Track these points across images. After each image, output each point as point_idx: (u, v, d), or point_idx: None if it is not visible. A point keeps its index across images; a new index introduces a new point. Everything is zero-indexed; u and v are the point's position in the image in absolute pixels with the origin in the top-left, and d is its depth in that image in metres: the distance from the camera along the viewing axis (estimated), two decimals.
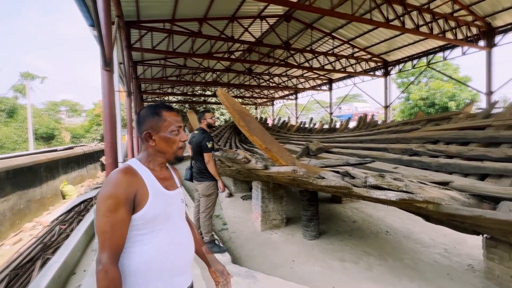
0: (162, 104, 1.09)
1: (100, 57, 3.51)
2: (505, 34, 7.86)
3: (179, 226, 1.08)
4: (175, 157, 1.08)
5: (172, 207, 1.06)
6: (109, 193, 0.89)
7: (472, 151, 3.51)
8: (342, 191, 2.27)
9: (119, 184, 0.91)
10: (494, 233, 2.36)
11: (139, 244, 0.95)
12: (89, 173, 10.53)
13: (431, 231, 4.04)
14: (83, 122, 37.68)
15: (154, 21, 7.73)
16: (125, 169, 0.97)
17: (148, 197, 0.96)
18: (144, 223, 0.95)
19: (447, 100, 18.01)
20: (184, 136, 1.09)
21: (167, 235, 1.01)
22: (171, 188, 1.09)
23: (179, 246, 1.05)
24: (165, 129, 1.04)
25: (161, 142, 1.04)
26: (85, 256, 3.57)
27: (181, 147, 1.08)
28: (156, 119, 1.05)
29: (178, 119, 1.08)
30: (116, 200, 0.88)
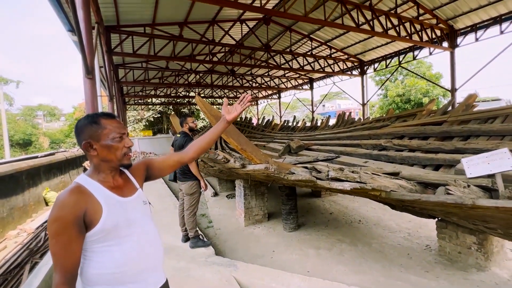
0: (100, 113, 1.08)
1: (81, 65, 3.63)
2: (466, 36, 8.56)
3: (145, 229, 1.09)
4: (121, 164, 1.06)
5: (133, 212, 1.06)
6: (55, 216, 0.89)
7: (429, 144, 3.94)
8: (309, 184, 2.57)
9: (65, 205, 0.91)
10: (440, 215, 2.75)
11: (107, 253, 0.97)
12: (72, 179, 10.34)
13: (398, 218, 4.45)
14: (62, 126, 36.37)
15: (134, 25, 7.78)
16: (72, 189, 0.96)
17: (101, 210, 0.96)
18: (106, 235, 0.96)
19: (422, 96, 19.04)
20: (129, 142, 1.06)
21: (133, 239, 1.03)
22: (129, 194, 1.09)
23: (148, 248, 1.07)
24: (105, 137, 1.01)
25: (103, 150, 1.02)
26: None
27: (125, 153, 1.05)
28: (95, 127, 1.02)
29: (119, 126, 1.05)
30: (63, 222, 0.88)
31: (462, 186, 1.90)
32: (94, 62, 3.76)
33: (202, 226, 4.64)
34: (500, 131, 3.20)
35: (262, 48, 10.18)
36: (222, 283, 2.41)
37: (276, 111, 22.02)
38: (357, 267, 3.06)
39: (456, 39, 8.69)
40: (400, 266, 3.04)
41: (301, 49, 12.25)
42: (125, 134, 1.07)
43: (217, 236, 4.26)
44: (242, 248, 3.76)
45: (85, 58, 3.53)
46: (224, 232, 4.40)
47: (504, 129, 3.16)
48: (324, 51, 11.99)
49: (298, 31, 10.73)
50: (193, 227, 3.30)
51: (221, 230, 4.50)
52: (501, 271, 2.77)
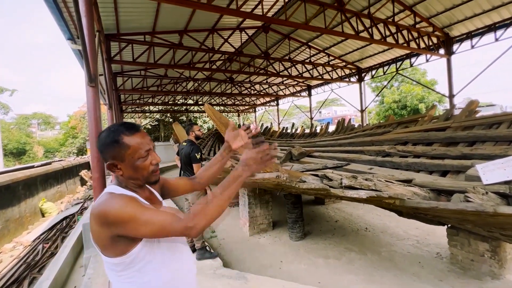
0: (121, 127, 0.94)
1: (84, 73, 3.58)
2: (461, 43, 8.73)
3: (182, 244, 1.04)
4: (147, 182, 0.99)
5: None
6: (120, 204, 0.83)
7: (435, 150, 3.93)
8: (321, 193, 2.52)
9: (123, 196, 0.87)
10: (453, 222, 2.71)
11: (151, 272, 0.90)
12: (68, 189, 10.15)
13: (405, 225, 4.41)
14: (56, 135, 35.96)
15: (134, 33, 7.78)
16: (115, 194, 0.89)
17: None
18: (150, 250, 0.90)
19: (417, 103, 19.29)
20: (156, 158, 0.97)
21: (176, 256, 0.98)
22: (158, 206, 1.03)
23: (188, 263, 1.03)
24: (130, 157, 0.91)
25: (129, 170, 0.93)
26: (74, 273, 3.54)
27: (153, 171, 0.96)
28: (117, 147, 0.91)
29: (144, 142, 0.94)
30: (132, 200, 0.85)
31: (481, 193, 1.86)
32: (97, 70, 3.72)
33: (206, 237, 4.53)
34: (507, 137, 3.20)
35: (261, 56, 10.25)
36: None
37: (274, 117, 22.06)
38: (368, 277, 2.99)
39: (452, 46, 8.85)
40: (412, 275, 2.97)
41: (300, 57, 12.37)
42: (151, 149, 0.97)
43: (221, 247, 4.16)
44: (249, 258, 3.67)
45: (88, 66, 3.48)
46: (229, 242, 4.31)
47: (511, 134, 3.17)
48: (322, 58, 12.12)
49: (296, 39, 10.85)
50: (199, 238, 3.20)
51: (225, 240, 4.40)
52: None
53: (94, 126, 3.55)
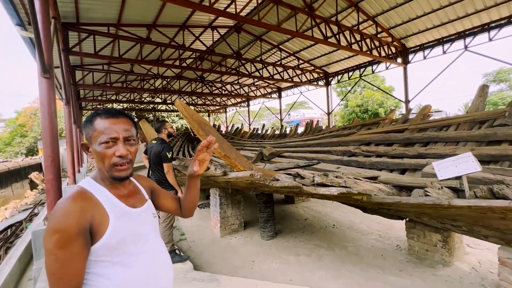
0: (103, 110, 0.91)
1: (37, 63, 3.21)
2: (416, 54, 9.63)
3: (155, 245, 0.94)
4: (110, 176, 0.87)
5: (143, 225, 0.92)
6: (55, 227, 0.73)
7: (395, 150, 4.25)
8: (294, 191, 2.56)
9: (67, 214, 0.75)
10: (411, 216, 2.94)
11: (111, 276, 0.81)
12: (15, 193, 8.96)
13: (369, 221, 4.68)
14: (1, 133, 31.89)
15: (97, 24, 7.20)
16: (75, 194, 0.82)
17: (108, 221, 0.81)
18: (110, 252, 0.81)
19: (377, 107, 20.81)
20: (120, 150, 0.85)
21: (143, 259, 0.88)
22: (138, 205, 0.94)
23: (158, 270, 0.91)
24: (94, 140, 0.86)
25: (95, 156, 0.87)
26: (21, 286, 3.14)
27: (115, 163, 0.85)
28: (88, 127, 0.87)
29: (113, 128, 0.86)
30: (65, 234, 0.73)
31: (437, 188, 2.04)
32: (52, 60, 3.36)
33: (174, 239, 4.33)
34: (455, 138, 3.58)
35: (233, 56, 10.20)
36: None
37: (245, 118, 22.11)
38: (337, 272, 3.11)
39: (408, 56, 9.72)
40: (377, 267, 3.16)
41: (271, 59, 12.58)
42: (119, 139, 0.86)
43: (191, 249, 4.02)
44: (220, 260, 3.59)
45: (42, 55, 3.13)
46: (199, 245, 4.18)
47: (458, 136, 3.55)
48: (292, 61, 12.46)
49: (268, 41, 11.01)
50: (169, 241, 3.05)
51: (195, 243, 4.27)
52: (462, 265, 3.04)
53: (48, 121, 3.20)
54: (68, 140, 6.58)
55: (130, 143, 0.90)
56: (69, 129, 6.69)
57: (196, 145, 11.13)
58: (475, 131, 3.33)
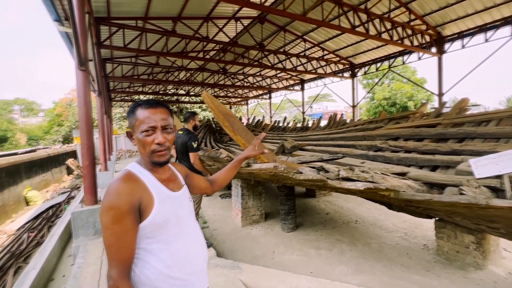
0: (145, 100, 0.99)
1: (74, 56, 3.42)
2: (453, 42, 8.90)
3: (191, 227, 1.03)
4: (151, 161, 0.95)
5: (181, 208, 1.00)
6: (110, 204, 0.83)
7: (426, 146, 4.02)
8: (318, 184, 2.53)
9: (120, 193, 0.85)
10: (442, 215, 2.79)
11: (155, 252, 0.90)
12: (54, 177, 9.80)
13: (394, 218, 4.53)
14: (41, 122, 34.66)
15: (125, 18, 7.48)
16: (125, 176, 0.91)
17: (153, 202, 0.90)
18: (155, 230, 0.90)
19: (407, 100, 19.70)
20: (159, 138, 0.93)
21: (182, 238, 0.96)
22: (177, 189, 1.03)
23: (195, 249, 1.00)
24: (136, 128, 0.94)
25: (137, 143, 0.96)
26: (62, 262, 3.45)
27: (154, 150, 0.94)
28: (131, 117, 0.96)
29: (153, 118, 0.94)
30: (119, 211, 0.82)
31: (474, 186, 1.92)
32: (87, 53, 3.56)
33: None
34: (496, 134, 3.30)
35: (256, 47, 10.11)
36: (228, 286, 2.32)
37: (266, 111, 22.01)
38: (359, 267, 3.06)
39: (444, 45, 9.02)
40: (401, 265, 3.07)
41: (294, 50, 12.31)
42: (157, 127, 0.94)
43: (214, 237, 4.16)
44: (241, 249, 3.68)
45: (79, 49, 3.33)
46: (221, 233, 4.31)
47: (499, 131, 3.27)
48: (316, 52, 12.10)
49: (292, 32, 10.76)
50: None
51: (217, 231, 4.40)
52: (497, 269, 2.85)
53: (84, 111, 3.42)
54: (100, 129, 7.00)
55: (167, 131, 0.98)
56: (100, 119, 7.10)
57: (218, 137, 11.32)
58: None
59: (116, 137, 18.64)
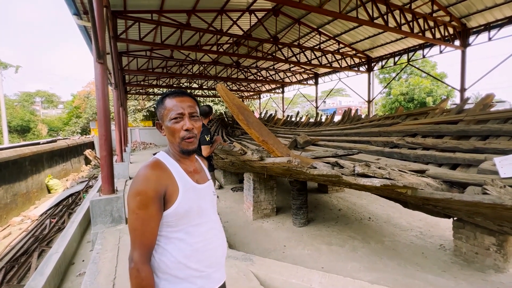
0: (173, 90, 1.02)
1: (93, 49, 3.50)
2: (478, 35, 8.43)
3: (213, 219, 1.04)
4: (180, 149, 0.98)
5: (204, 200, 1.02)
6: (138, 189, 0.86)
7: (445, 143, 3.86)
8: (332, 180, 2.50)
9: (147, 179, 0.88)
10: (461, 215, 2.70)
11: (175, 241, 0.92)
12: (73, 167, 10.25)
13: (409, 216, 4.42)
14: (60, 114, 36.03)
15: (141, 11, 7.57)
16: (153, 164, 0.93)
17: (178, 191, 0.92)
18: (178, 219, 0.92)
19: (425, 96, 18.97)
20: (187, 124, 0.95)
21: (203, 230, 0.98)
22: (202, 181, 1.04)
23: (215, 241, 1.02)
24: (165, 117, 0.97)
25: (167, 132, 0.98)
26: (81, 247, 3.62)
27: (183, 137, 0.95)
28: (160, 107, 0.99)
29: (180, 105, 0.96)
30: (146, 196, 0.85)
31: (499, 186, 1.83)
32: (105, 46, 3.63)
33: None
34: None
35: (270, 40, 9.99)
36: (240, 277, 2.36)
37: (278, 105, 21.85)
38: (372, 265, 3.02)
39: (468, 38, 8.56)
40: (416, 265, 3.00)
41: (309, 43, 12.07)
42: (185, 114, 0.97)
43: (225, 229, 4.20)
44: (253, 241, 3.71)
45: (97, 42, 3.40)
46: (232, 225, 4.35)
47: None
48: (332, 45, 11.81)
49: (306, 24, 10.54)
50: None
51: (229, 223, 4.45)
52: None
53: (102, 103, 3.51)
54: (116, 121, 7.18)
55: (194, 119, 1.00)
56: (117, 112, 7.28)
57: (230, 130, 11.38)
58: None
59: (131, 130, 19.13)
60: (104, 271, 2.45)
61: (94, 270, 2.49)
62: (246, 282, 2.27)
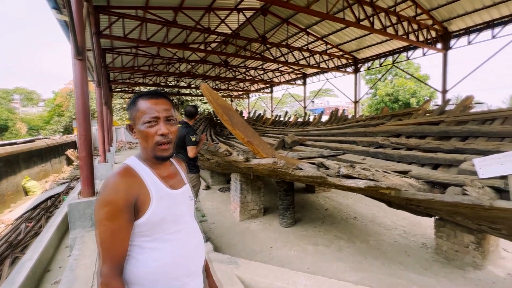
0: (147, 91, 0.95)
1: (71, 45, 3.34)
2: (459, 38, 8.73)
3: (190, 226, 0.99)
4: (154, 155, 0.91)
5: (180, 207, 0.96)
6: (106, 199, 0.81)
7: (428, 144, 3.95)
8: (317, 181, 2.49)
9: (116, 188, 0.82)
10: (443, 214, 2.76)
11: (150, 251, 0.87)
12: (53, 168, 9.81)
13: (393, 215, 4.50)
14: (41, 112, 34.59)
15: (126, 7, 7.33)
16: (123, 171, 0.88)
17: (150, 200, 0.87)
18: (151, 228, 0.87)
19: (409, 97, 19.52)
20: (162, 129, 0.89)
21: (179, 238, 0.93)
22: (177, 186, 0.99)
23: (193, 249, 0.97)
24: (138, 121, 0.90)
25: (139, 136, 0.92)
26: (59, 253, 3.45)
27: (158, 142, 0.90)
28: (132, 108, 0.92)
29: (155, 108, 0.90)
30: (114, 207, 0.80)
31: (477, 186, 1.87)
32: (84, 42, 3.48)
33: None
34: (500, 133, 3.23)
35: (258, 40, 9.95)
36: (224, 281, 2.30)
37: (267, 105, 21.87)
38: (357, 265, 3.05)
39: (450, 41, 8.85)
40: (399, 264, 3.05)
41: (297, 43, 12.12)
42: (160, 118, 0.90)
43: (212, 231, 4.14)
44: (239, 243, 3.67)
45: (75, 37, 3.24)
46: (219, 227, 4.29)
47: (504, 130, 3.20)
48: (319, 46, 11.91)
49: (295, 24, 10.58)
50: None
51: (215, 225, 4.39)
52: (496, 270, 2.83)
53: (81, 101, 3.36)
54: (99, 120, 6.94)
55: (170, 123, 0.93)
56: (100, 110, 7.03)
57: (219, 130, 11.27)
58: None
59: (117, 129, 18.60)
60: (81, 279, 2.34)
61: (71, 278, 2.37)
62: (230, 287, 2.23)
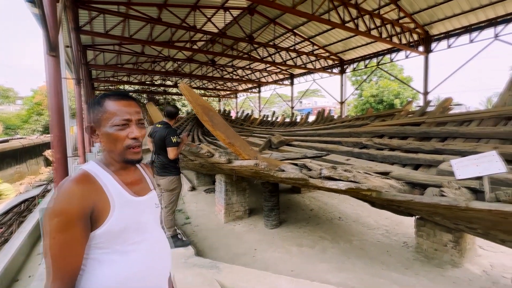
0: (111, 92, 0.90)
1: (44, 40, 3.15)
2: (439, 42, 9.03)
3: (154, 235, 0.93)
4: (124, 159, 0.86)
5: (145, 215, 0.90)
6: (57, 209, 0.72)
7: (409, 144, 4.03)
8: (300, 182, 2.46)
9: (70, 196, 0.74)
10: (422, 214, 2.80)
11: (108, 264, 0.79)
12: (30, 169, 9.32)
13: (376, 215, 4.56)
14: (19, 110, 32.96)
15: (107, 2, 7.07)
16: (79, 177, 0.79)
17: (110, 208, 0.80)
18: (111, 239, 0.79)
19: (393, 98, 20.04)
20: (135, 132, 0.85)
21: (141, 248, 0.86)
22: (143, 193, 0.92)
23: (157, 261, 0.90)
24: (105, 122, 0.83)
25: (104, 139, 0.85)
26: (30, 260, 3.25)
27: (129, 146, 0.85)
28: (97, 109, 0.85)
29: (126, 110, 0.85)
30: (67, 217, 0.72)
31: (454, 188, 1.89)
32: (58, 37, 3.29)
33: (179, 223, 4.39)
34: (477, 134, 3.34)
35: (245, 39, 9.88)
36: (204, 286, 2.23)
37: (255, 105, 21.85)
38: (340, 265, 3.05)
39: (431, 44, 9.13)
40: (381, 263, 3.08)
41: (284, 44, 12.14)
42: (132, 120, 0.85)
43: (195, 233, 4.05)
44: (223, 246, 3.59)
45: (47, 32, 3.06)
46: (203, 229, 4.20)
47: (480, 132, 3.31)
48: (306, 47, 11.99)
49: (282, 25, 10.59)
50: (171, 226, 3.05)
51: (199, 227, 4.29)
52: (473, 267, 2.91)
53: (54, 100, 3.19)
54: (79, 120, 6.66)
55: (141, 126, 0.89)
56: (79, 109, 6.75)
57: (206, 130, 11.11)
58: (500, 127, 3.09)
59: None
60: None
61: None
62: None
